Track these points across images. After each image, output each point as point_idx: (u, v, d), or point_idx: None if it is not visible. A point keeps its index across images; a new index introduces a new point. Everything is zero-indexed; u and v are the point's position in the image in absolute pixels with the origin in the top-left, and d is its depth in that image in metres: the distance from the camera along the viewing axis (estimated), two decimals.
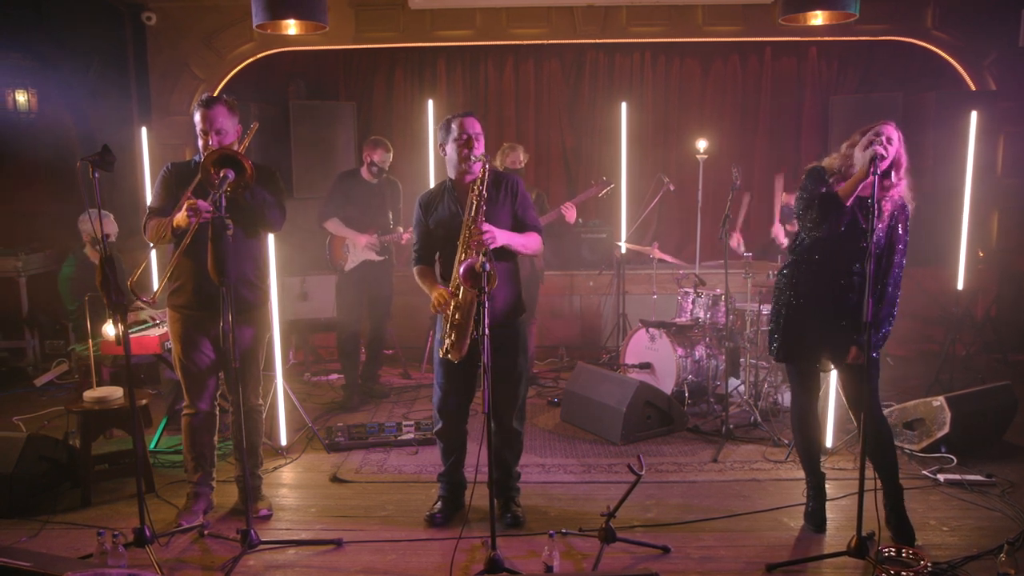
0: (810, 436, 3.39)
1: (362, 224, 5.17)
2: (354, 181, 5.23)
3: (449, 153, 3.34)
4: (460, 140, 3.27)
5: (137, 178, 5.99)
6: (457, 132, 3.29)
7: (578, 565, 3.11)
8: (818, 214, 3.08)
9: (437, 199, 3.39)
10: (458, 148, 3.28)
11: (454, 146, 3.29)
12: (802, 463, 3.47)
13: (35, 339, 6.32)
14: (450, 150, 3.32)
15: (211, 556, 3.19)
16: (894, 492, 3.22)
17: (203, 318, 3.33)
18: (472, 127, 3.27)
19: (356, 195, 5.18)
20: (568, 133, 7.24)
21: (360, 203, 5.17)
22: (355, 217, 5.16)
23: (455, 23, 6.49)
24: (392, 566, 3.12)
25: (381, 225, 5.21)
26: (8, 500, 3.56)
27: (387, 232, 5.21)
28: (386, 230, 5.22)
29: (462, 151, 3.26)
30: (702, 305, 5.19)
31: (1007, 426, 4.36)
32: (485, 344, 2.78)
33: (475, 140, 3.27)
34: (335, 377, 6.01)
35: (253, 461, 3.64)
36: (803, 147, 7.11)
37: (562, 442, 4.57)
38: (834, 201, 3.05)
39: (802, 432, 3.40)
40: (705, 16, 6.47)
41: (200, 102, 3.32)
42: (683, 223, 7.12)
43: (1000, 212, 6.59)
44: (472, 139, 3.26)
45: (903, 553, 3.07)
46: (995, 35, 6.33)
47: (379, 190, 5.24)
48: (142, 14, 6.35)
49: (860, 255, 3.09)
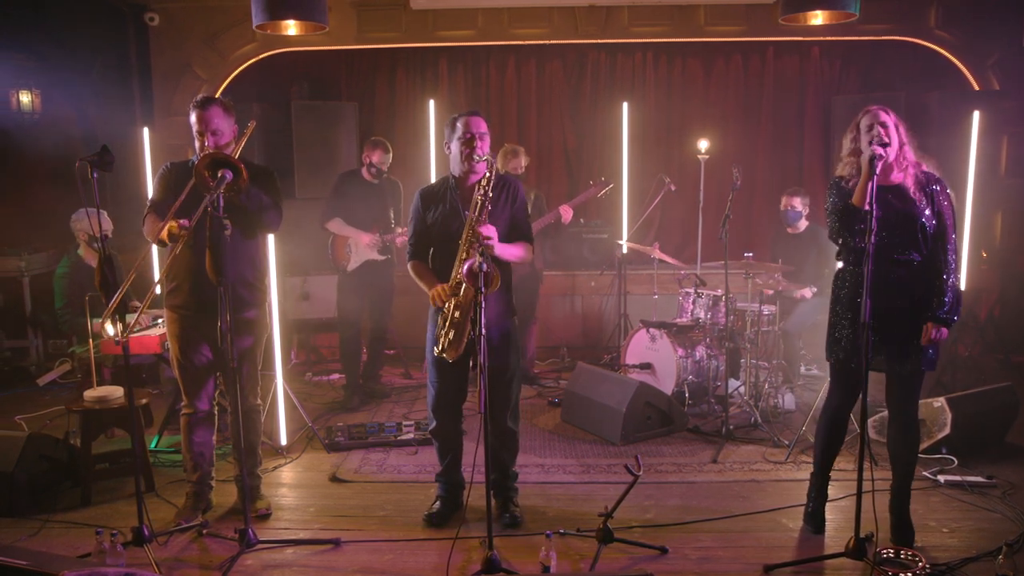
0: (838, 437, 3.36)
1: (364, 224, 5.17)
2: (355, 181, 5.24)
3: (453, 151, 3.33)
4: (464, 139, 3.27)
5: (139, 179, 6.00)
6: (462, 131, 3.28)
7: (575, 565, 3.11)
8: (846, 230, 3.07)
9: (439, 195, 3.38)
10: (462, 147, 3.27)
11: (458, 144, 3.29)
12: (816, 461, 3.40)
13: (38, 338, 6.34)
14: (454, 148, 3.32)
15: (209, 555, 3.20)
16: (901, 494, 3.21)
17: (201, 318, 3.34)
18: (477, 127, 3.27)
19: (357, 195, 5.19)
20: (570, 133, 7.23)
21: (361, 203, 5.18)
22: (357, 217, 5.17)
23: (457, 23, 6.49)
24: (389, 566, 3.12)
25: (383, 224, 5.22)
26: (8, 499, 3.58)
27: (389, 231, 5.21)
28: (388, 229, 5.22)
29: (464, 150, 3.26)
30: (702, 305, 5.18)
31: (1009, 427, 4.35)
32: (482, 344, 2.78)
33: (479, 140, 3.26)
34: (336, 377, 6.02)
35: (252, 461, 3.65)
36: (805, 147, 7.10)
37: (562, 442, 4.57)
38: (851, 212, 3.02)
39: (830, 432, 3.34)
40: (707, 16, 6.45)
41: (196, 103, 3.32)
42: (685, 223, 7.11)
43: (1003, 212, 6.56)
44: (476, 138, 3.26)
45: (902, 554, 3.07)
46: (999, 35, 6.30)
47: (380, 190, 5.25)
48: (145, 15, 6.37)
49: (913, 241, 3.05)
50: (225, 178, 2.98)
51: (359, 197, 5.19)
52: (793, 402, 5.03)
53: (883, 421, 4.39)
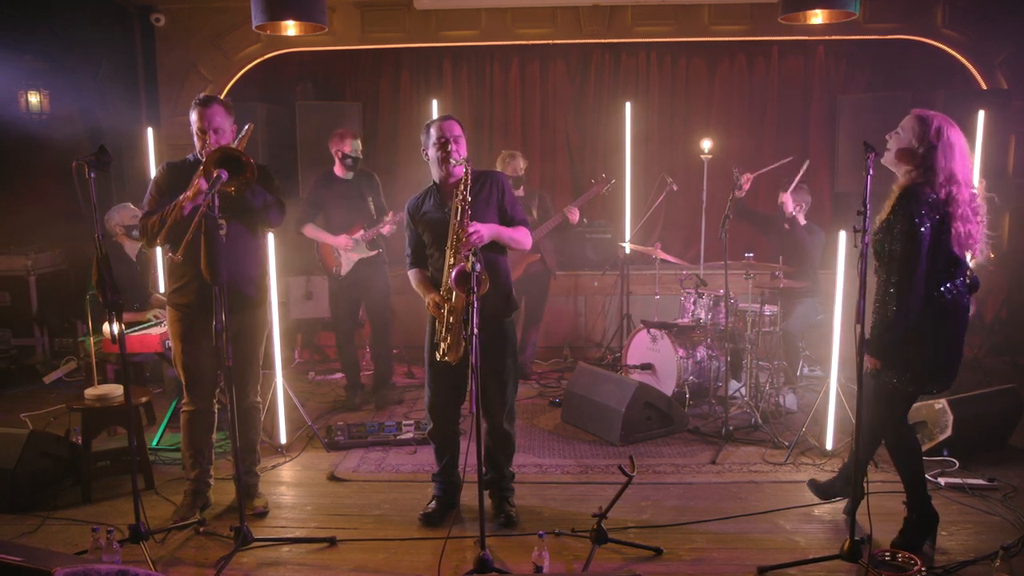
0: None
1: (346, 224, 5.04)
2: (328, 182, 5.09)
3: (431, 156, 3.37)
4: (439, 143, 3.30)
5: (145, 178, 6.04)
6: (436, 136, 3.32)
7: (569, 566, 3.11)
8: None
9: (423, 202, 3.43)
10: (437, 151, 3.31)
11: (434, 149, 3.33)
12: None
13: (44, 337, 6.40)
14: (431, 153, 3.36)
15: (205, 553, 3.22)
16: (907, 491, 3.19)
17: (206, 317, 3.35)
18: (450, 130, 3.30)
19: (333, 196, 5.05)
20: (573, 133, 7.22)
21: (340, 203, 5.04)
22: (338, 219, 5.04)
23: (460, 23, 6.51)
24: (383, 565, 3.13)
25: (366, 219, 5.05)
26: (9, 495, 3.61)
27: (372, 224, 5.04)
28: (371, 222, 5.05)
29: (440, 154, 3.29)
30: (703, 306, 5.17)
31: (1012, 430, 4.30)
32: (474, 344, 2.79)
33: (453, 143, 3.29)
34: (339, 376, 6.03)
35: (251, 459, 3.67)
36: (811, 147, 7.05)
37: (561, 443, 4.57)
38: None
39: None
40: (711, 15, 6.44)
41: (198, 101, 3.36)
42: (689, 224, 7.08)
43: (1012, 213, 6.48)
44: (449, 141, 3.28)
45: (898, 557, 3.04)
46: (1006, 33, 6.24)
47: (355, 184, 5.08)
48: (151, 15, 6.42)
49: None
50: (220, 178, 2.99)
51: (335, 197, 5.04)
52: (795, 403, 5.01)
53: None
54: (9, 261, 6.30)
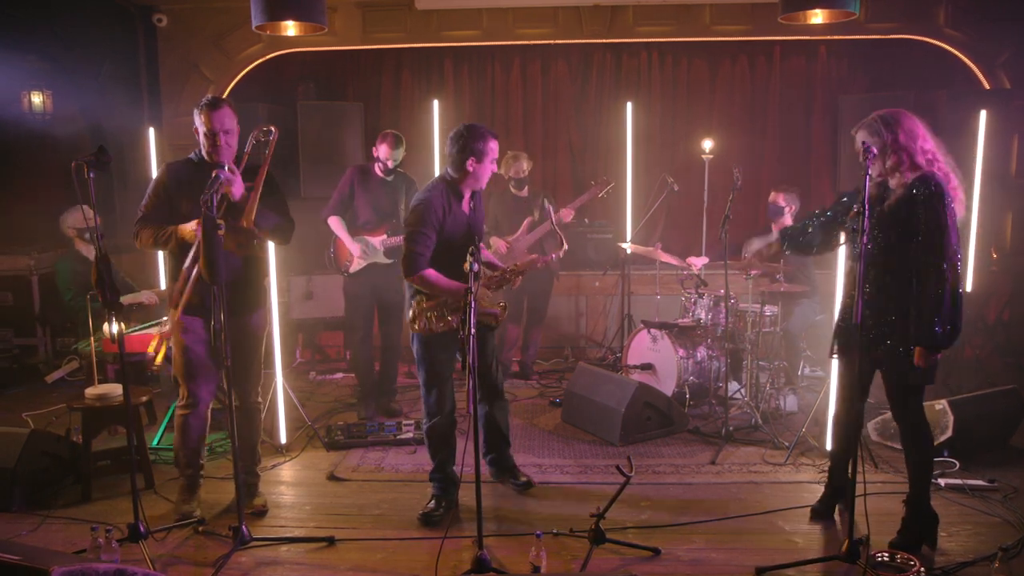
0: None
1: (373, 223, 4.85)
2: (366, 177, 4.86)
3: (478, 171, 3.50)
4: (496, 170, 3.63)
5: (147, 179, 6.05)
6: (496, 160, 3.57)
7: (567, 566, 3.11)
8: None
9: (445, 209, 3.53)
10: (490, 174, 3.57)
11: (490, 168, 3.53)
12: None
13: (47, 336, 6.41)
14: (483, 169, 3.51)
15: (204, 552, 3.23)
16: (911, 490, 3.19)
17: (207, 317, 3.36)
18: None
19: (366, 192, 4.83)
20: (575, 133, 7.22)
21: (370, 201, 4.83)
22: (364, 216, 4.85)
23: (461, 24, 6.51)
24: (381, 564, 3.13)
25: (392, 225, 4.81)
26: (9, 494, 3.62)
27: (397, 232, 4.68)
28: (396, 231, 4.73)
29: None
30: (704, 306, 5.16)
31: (1013, 431, 4.29)
32: (471, 344, 2.80)
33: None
34: (340, 376, 6.04)
35: (252, 459, 3.67)
36: (813, 147, 7.04)
37: (561, 443, 4.57)
38: None
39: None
40: (713, 15, 6.42)
41: (206, 103, 3.33)
42: (691, 224, 7.06)
43: (1014, 213, 6.46)
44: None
45: (896, 558, 3.04)
46: (1009, 33, 6.21)
47: (391, 187, 4.85)
48: (152, 16, 6.44)
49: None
50: (218, 178, 3.00)
51: (368, 194, 4.83)
52: (795, 403, 5.00)
53: (884, 423, 4.36)
54: (11, 261, 6.30)
